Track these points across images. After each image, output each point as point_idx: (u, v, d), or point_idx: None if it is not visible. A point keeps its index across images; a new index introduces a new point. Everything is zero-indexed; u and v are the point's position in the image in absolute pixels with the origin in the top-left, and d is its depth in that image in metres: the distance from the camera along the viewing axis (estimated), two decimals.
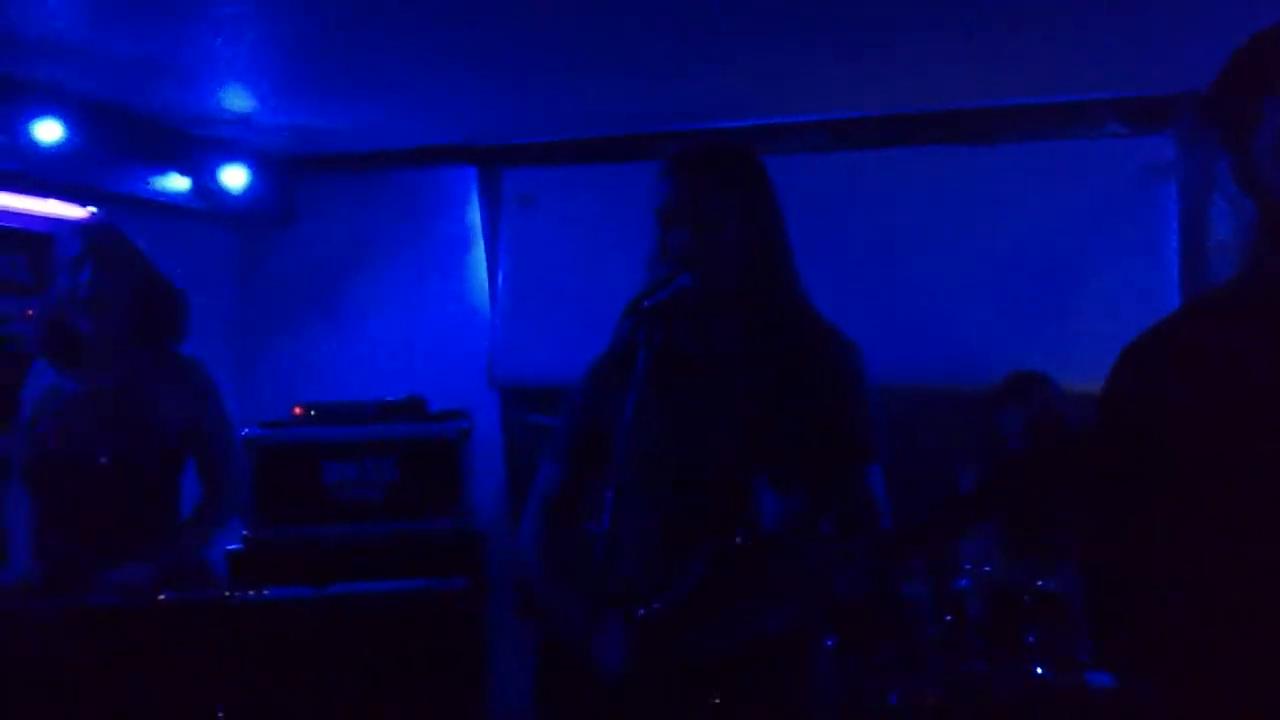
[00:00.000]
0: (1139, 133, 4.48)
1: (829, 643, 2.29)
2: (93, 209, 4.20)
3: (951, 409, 4.42)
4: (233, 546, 4.11)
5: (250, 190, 4.65)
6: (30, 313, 3.90)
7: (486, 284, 4.83)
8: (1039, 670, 3.02)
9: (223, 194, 4.59)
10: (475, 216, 4.87)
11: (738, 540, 2.06)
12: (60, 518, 3.01)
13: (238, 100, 4.17)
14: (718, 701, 2.07)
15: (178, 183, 4.45)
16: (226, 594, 3.25)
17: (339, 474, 4.23)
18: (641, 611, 2.05)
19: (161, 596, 2.97)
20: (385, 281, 4.93)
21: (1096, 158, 4.48)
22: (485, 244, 4.84)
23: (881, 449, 2.18)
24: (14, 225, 4.07)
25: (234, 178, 4.59)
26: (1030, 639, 3.05)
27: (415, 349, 4.82)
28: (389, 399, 4.37)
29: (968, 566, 3.21)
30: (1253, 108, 1.54)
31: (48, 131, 3.80)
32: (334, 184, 4.95)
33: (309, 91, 4.14)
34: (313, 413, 4.31)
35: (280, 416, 4.35)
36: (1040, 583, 3.11)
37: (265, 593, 3.99)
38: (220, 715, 3.06)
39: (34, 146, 3.78)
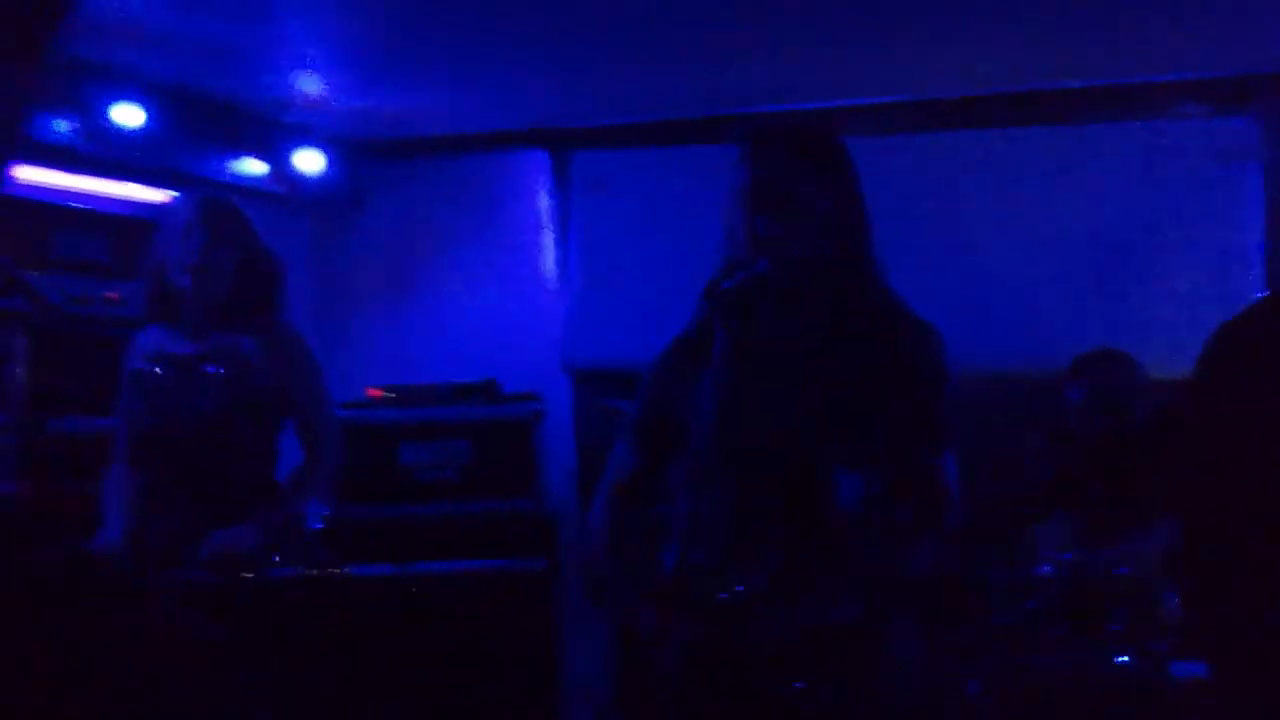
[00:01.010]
0: (1220, 114, 4.39)
1: (911, 628, 2.27)
2: (174, 193, 4.27)
3: (1027, 394, 4.37)
4: (315, 526, 4.17)
5: (325, 174, 4.69)
6: (114, 295, 3.98)
7: (558, 268, 4.84)
8: (1121, 659, 2.98)
9: (298, 178, 4.63)
10: (546, 200, 4.88)
11: (808, 522, 2.06)
12: (166, 483, 3.08)
13: (312, 85, 4.21)
14: (800, 686, 2.06)
15: (254, 167, 4.50)
16: (333, 570, 3.29)
17: (415, 455, 4.28)
18: (723, 596, 2.04)
19: (271, 562, 3.04)
20: (457, 265, 4.95)
21: (1176, 139, 4.41)
22: (556, 228, 4.85)
23: (956, 435, 2.16)
24: (94, 208, 4.13)
25: (309, 162, 4.64)
26: (1114, 627, 3.01)
27: (488, 333, 4.84)
28: (463, 381, 4.40)
29: (1048, 553, 3.17)
30: None
31: (127, 115, 3.85)
32: (407, 168, 4.98)
33: (382, 76, 4.17)
34: (389, 394, 4.35)
35: (355, 398, 4.39)
36: (1122, 570, 3.07)
37: (345, 570, 4.06)
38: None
39: (114, 130, 3.84)
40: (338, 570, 4.08)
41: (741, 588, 2.06)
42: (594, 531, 2.32)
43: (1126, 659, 2.99)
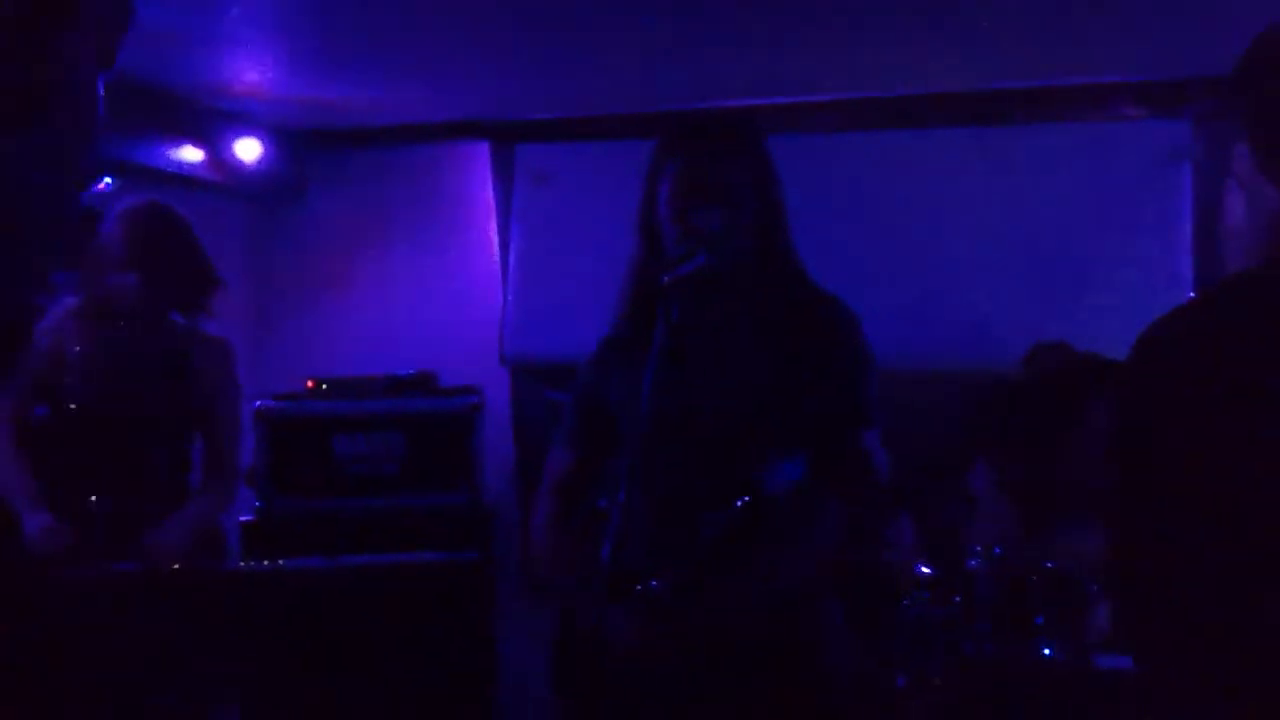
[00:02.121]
0: (1157, 116, 4.47)
1: (838, 621, 2.30)
2: (107, 180, 4.21)
3: (967, 393, 4.41)
4: (245, 518, 4.13)
5: (263, 163, 4.65)
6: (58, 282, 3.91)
7: (498, 261, 4.83)
8: (1047, 652, 3.02)
9: (236, 166, 4.58)
10: (488, 193, 4.86)
11: (739, 505, 2.08)
12: (79, 476, 3.05)
13: (253, 72, 4.17)
14: (728, 684, 2.08)
15: (191, 154, 4.44)
16: (241, 564, 3.28)
17: (350, 447, 4.25)
18: (654, 584, 2.06)
19: (175, 566, 3.02)
20: (397, 257, 4.93)
21: (1114, 141, 4.47)
22: (498, 220, 4.84)
23: (879, 413, 2.19)
24: None
25: (247, 150, 4.59)
26: (1039, 620, 3.05)
27: (427, 325, 4.82)
28: (400, 374, 4.38)
29: (977, 548, 3.21)
30: None
31: None
32: (347, 158, 4.95)
33: (323, 65, 4.13)
34: (324, 386, 4.33)
35: (292, 389, 4.36)
36: (1049, 564, 3.11)
37: (278, 563, 4.03)
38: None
39: None
40: (270, 564, 4.06)
41: (670, 575, 2.07)
42: (536, 529, 2.33)
43: (1051, 652, 3.03)
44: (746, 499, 2.07)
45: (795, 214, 2.25)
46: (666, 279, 2.06)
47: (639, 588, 2.06)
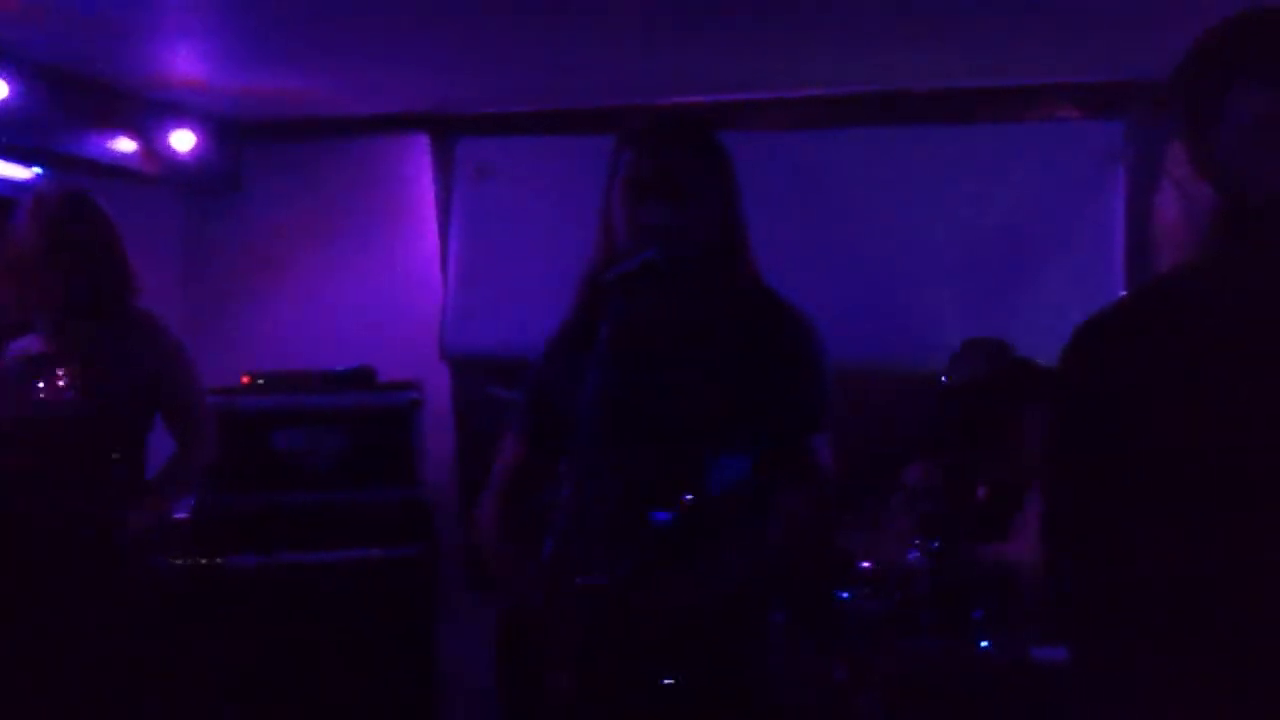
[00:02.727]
0: (1092, 118, 4.54)
1: (779, 617, 2.32)
2: (38, 170, 4.13)
3: (904, 389, 4.46)
4: (181, 515, 4.07)
5: (198, 155, 4.58)
6: None
7: (439, 255, 4.80)
8: (984, 645, 3.06)
9: (171, 158, 4.52)
10: (428, 186, 4.83)
11: (685, 504, 2.08)
12: (20, 477, 2.99)
13: (188, 63, 4.10)
14: (669, 683, 2.08)
15: (125, 145, 4.37)
16: (178, 561, 3.24)
17: (288, 443, 4.21)
18: (600, 580, 2.06)
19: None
20: (335, 250, 4.88)
21: (1051, 141, 4.54)
22: (438, 214, 4.81)
23: (831, 419, 2.20)
24: None
25: (182, 141, 4.52)
26: (976, 614, 3.10)
27: (366, 319, 4.77)
28: (338, 369, 4.34)
29: (916, 542, 3.25)
30: (1219, 92, 1.55)
31: None
32: (284, 150, 4.89)
33: (261, 55, 4.08)
34: (261, 381, 4.28)
35: (228, 385, 4.30)
36: (987, 558, 3.15)
37: (215, 560, 3.98)
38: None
39: None
40: (210, 560, 4.01)
41: (617, 572, 2.07)
42: (484, 525, 2.31)
43: (988, 645, 3.07)
44: (691, 498, 2.07)
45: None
46: (611, 274, 2.06)
47: (583, 583, 2.06)
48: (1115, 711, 1.57)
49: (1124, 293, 4.36)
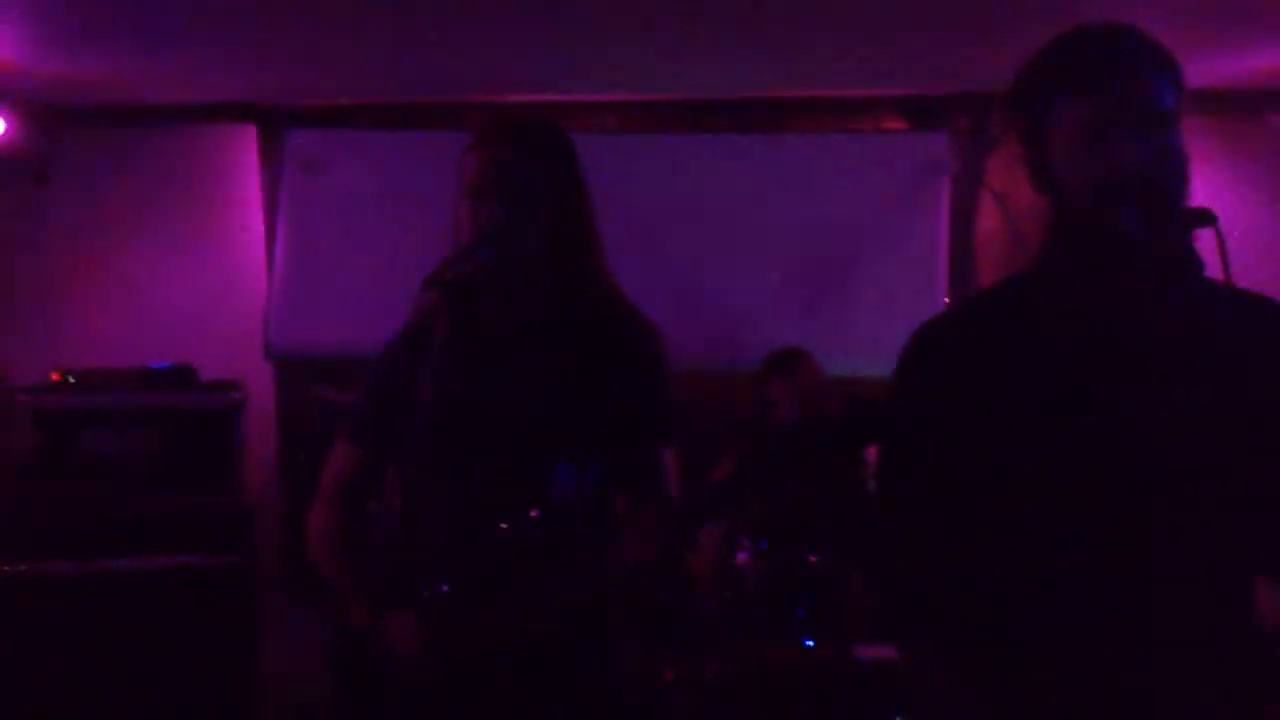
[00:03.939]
0: (917, 129, 4.68)
1: (614, 622, 2.31)
2: None
3: (725, 391, 4.52)
4: None
5: (8, 141, 4.35)
6: None
7: (264, 250, 4.65)
8: (809, 643, 3.12)
9: None
10: (254, 179, 4.68)
11: (531, 517, 2.06)
12: None
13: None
14: (507, 692, 2.06)
15: None
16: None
17: (100, 443, 4.03)
18: (440, 591, 2.01)
19: None
20: (154, 244, 4.67)
21: (877, 151, 4.66)
22: (264, 208, 4.66)
23: (676, 430, 2.20)
24: None
25: None
26: (800, 613, 3.15)
27: (185, 316, 4.59)
28: (155, 367, 4.17)
29: (746, 541, 3.29)
30: (1047, 105, 1.62)
31: None
32: (101, 138, 4.66)
33: (76, 38, 3.90)
34: (72, 379, 4.08)
35: (37, 382, 4.10)
36: (812, 558, 3.22)
37: (21, 566, 3.77)
38: None
39: None
40: (14, 566, 3.80)
41: (454, 584, 2.03)
42: (314, 533, 2.23)
43: (812, 643, 3.14)
44: (531, 508, 2.05)
45: None
46: (449, 274, 2.02)
47: (425, 593, 2.01)
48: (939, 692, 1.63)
49: (946, 300, 4.56)
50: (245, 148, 4.68)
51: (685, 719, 3.11)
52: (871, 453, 1.76)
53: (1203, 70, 4.16)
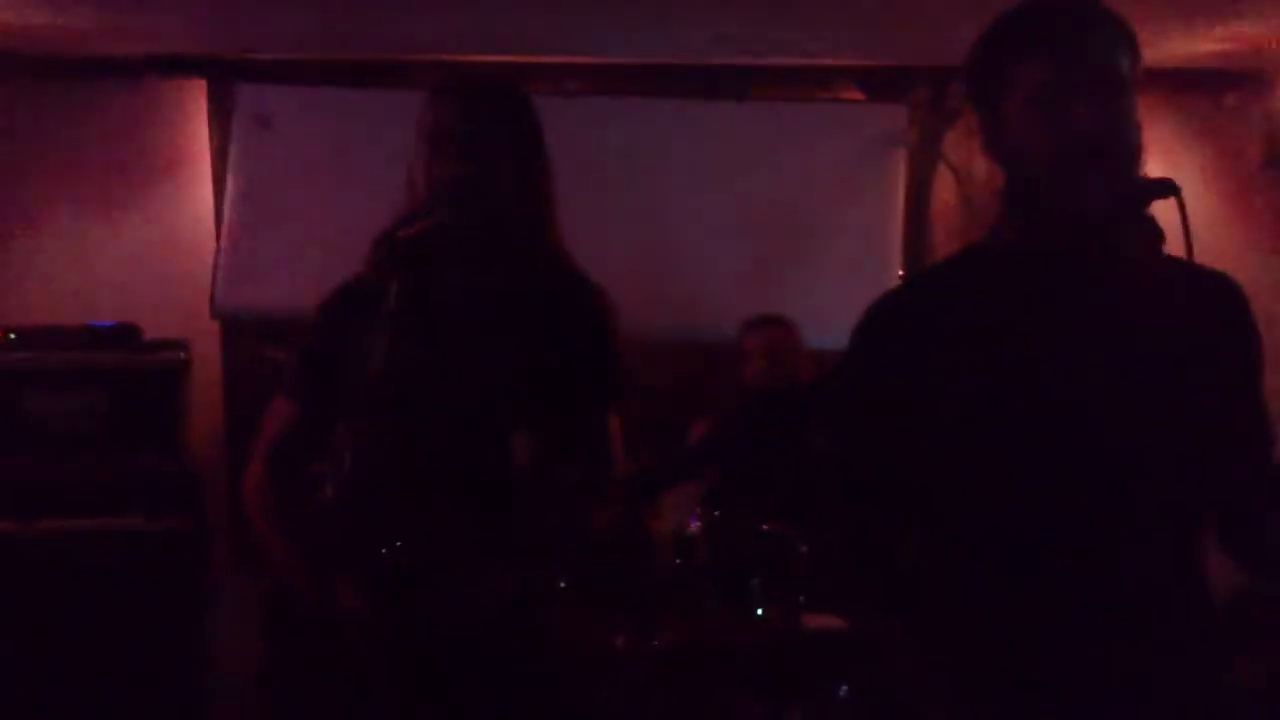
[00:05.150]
0: (875, 100, 4.67)
1: (560, 588, 2.30)
2: None
3: (689, 361, 4.52)
4: None
5: None
6: None
7: (212, 208, 4.56)
8: (759, 612, 3.13)
9: None
10: (202, 134, 4.58)
11: (477, 480, 2.04)
12: None
13: None
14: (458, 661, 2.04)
15: None
16: None
17: (41, 403, 3.94)
18: (388, 556, 1.99)
19: None
20: (96, 199, 4.56)
21: (835, 122, 4.65)
22: (213, 164, 4.56)
23: (626, 396, 2.19)
24: None
25: None
26: (753, 582, 3.16)
27: (129, 274, 4.48)
28: (98, 325, 4.08)
29: (699, 510, 3.29)
30: (1005, 70, 1.61)
31: None
32: (46, 91, 4.53)
33: None
34: (12, 336, 3.99)
35: None
36: (765, 527, 3.22)
37: None
38: None
39: None
40: None
41: (403, 549, 2.01)
42: (250, 492, 2.19)
43: (762, 612, 3.14)
44: (483, 474, 2.02)
45: None
46: (401, 232, 1.99)
47: (382, 559, 1.98)
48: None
49: (900, 272, 4.57)
50: (194, 102, 4.57)
51: (635, 688, 3.11)
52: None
53: (1161, 50, 4.18)
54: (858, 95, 4.73)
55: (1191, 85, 4.57)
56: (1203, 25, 4.02)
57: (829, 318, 3.30)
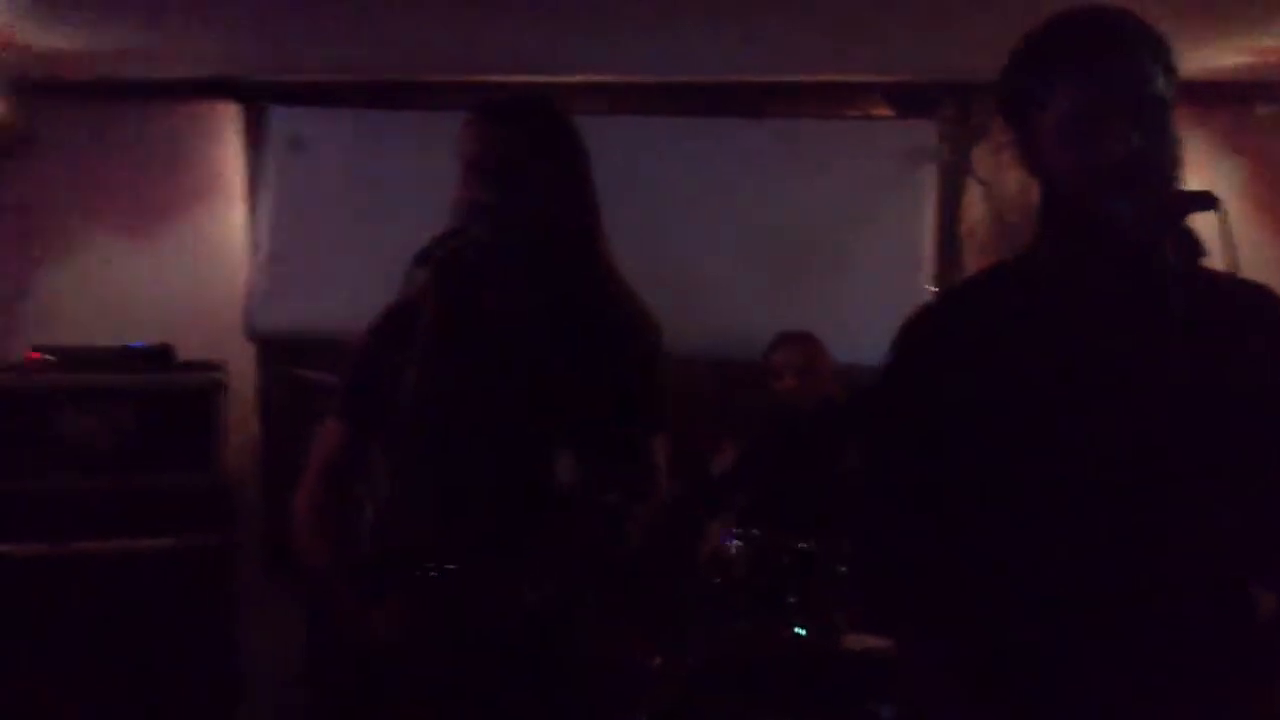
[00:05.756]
0: (905, 116, 4.66)
1: (597, 606, 2.29)
2: None
3: (715, 380, 4.51)
4: None
5: None
6: None
7: (246, 229, 4.59)
8: (797, 630, 3.11)
9: None
10: (236, 157, 4.62)
11: (517, 500, 2.03)
12: None
13: None
14: (494, 679, 2.03)
15: None
16: None
17: (78, 424, 3.97)
18: (430, 574, 1.98)
19: None
20: (134, 221, 4.61)
21: (864, 138, 4.64)
22: (247, 187, 4.60)
23: (668, 419, 2.18)
24: None
25: None
26: (790, 599, 3.14)
27: (165, 294, 4.53)
28: (134, 346, 4.12)
29: (737, 529, 3.28)
30: (1038, 90, 1.60)
31: None
32: (79, 114, 4.58)
33: (56, 11, 3.82)
34: (49, 357, 4.02)
35: (14, 360, 4.07)
36: (801, 545, 3.20)
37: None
38: None
39: None
40: None
41: (447, 567, 2.00)
42: (301, 513, 2.19)
43: (803, 631, 3.12)
44: (524, 494, 2.02)
45: None
46: (437, 252, 1.99)
47: (418, 576, 1.98)
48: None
49: (932, 289, 4.55)
50: (228, 125, 4.61)
51: (672, 706, 3.09)
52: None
53: (1189, 61, 4.16)
54: (886, 111, 4.72)
55: (1223, 97, 4.54)
56: (1235, 36, 4.00)
57: (860, 334, 3.29)
